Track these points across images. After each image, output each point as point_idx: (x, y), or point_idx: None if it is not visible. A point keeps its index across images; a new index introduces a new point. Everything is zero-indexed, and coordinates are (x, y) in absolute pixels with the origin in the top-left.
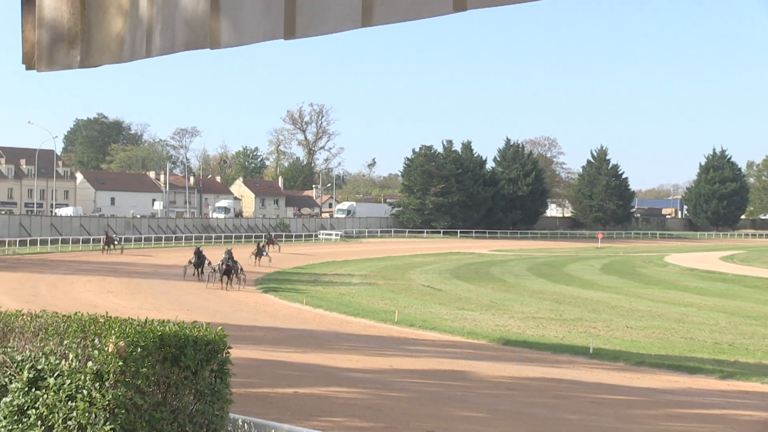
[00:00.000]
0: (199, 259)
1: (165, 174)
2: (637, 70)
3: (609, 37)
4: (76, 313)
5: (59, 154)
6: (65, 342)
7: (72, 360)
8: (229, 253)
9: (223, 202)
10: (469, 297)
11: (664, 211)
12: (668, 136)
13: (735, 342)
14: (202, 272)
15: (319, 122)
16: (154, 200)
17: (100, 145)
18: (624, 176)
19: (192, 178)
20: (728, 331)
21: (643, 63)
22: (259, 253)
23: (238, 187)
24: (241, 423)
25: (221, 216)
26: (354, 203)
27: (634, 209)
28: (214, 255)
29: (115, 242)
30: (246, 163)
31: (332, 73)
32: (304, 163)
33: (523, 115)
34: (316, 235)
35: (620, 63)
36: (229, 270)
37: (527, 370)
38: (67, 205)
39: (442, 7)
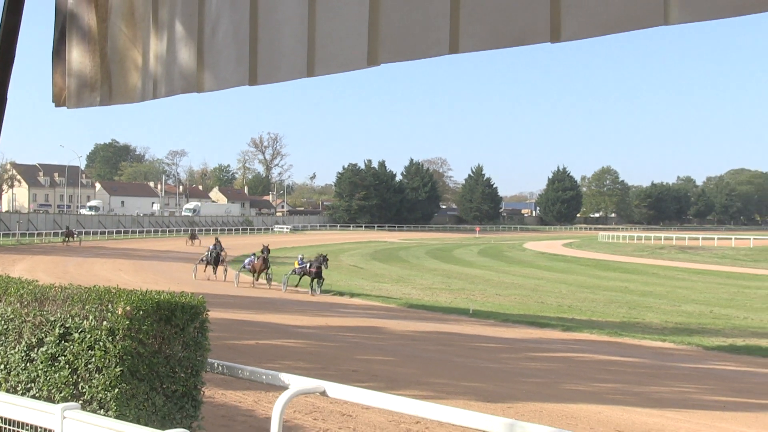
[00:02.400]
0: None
1: (161, 184)
2: (502, 104)
3: (479, 76)
4: (94, 285)
5: (83, 169)
6: (86, 307)
7: (91, 320)
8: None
9: (190, 204)
10: (384, 273)
11: (523, 211)
12: (526, 155)
13: (573, 305)
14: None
15: (275, 146)
16: (153, 203)
17: (114, 163)
18: (494, 185)
19: (181, 187)
20: (568, 297)
21: (505, 100)
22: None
23: (215, 193)
24: (216, 365)
25: (190, 215)
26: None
27: (501, 209)
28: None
29: (74, 235)
30: (221, 175)
31: (285, 108)
32: (264, 176)
33: (423, 139)
34: (271, 229)
35: (488, 99)
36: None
37: (425, 326)
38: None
39: (358, 63)
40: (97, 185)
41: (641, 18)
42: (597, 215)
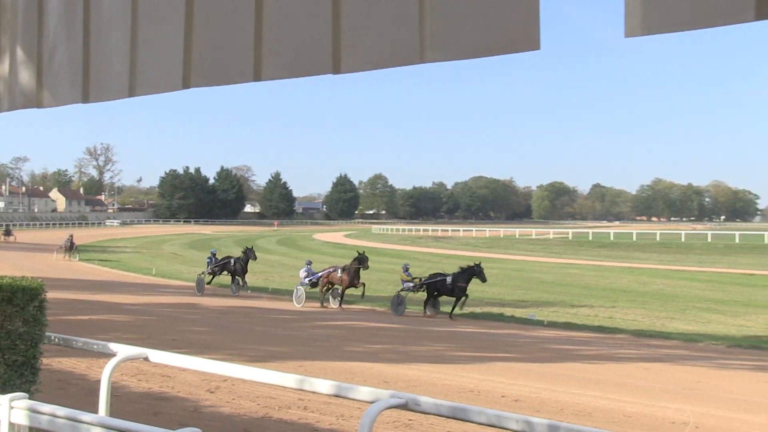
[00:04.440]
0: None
1: (6, 185)
2: (297, 121)
3: (277, 99)
4: None
5: None
6: None
7: None
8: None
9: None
10: (199, 259)
11: (313, 209)
12: (315, 163)
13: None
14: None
15: (107, 154)
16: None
17: None
18: (290, 188)
19: (24, 188)
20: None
21: (299, 119)
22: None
23: (55, 194)
24: (53, 338)
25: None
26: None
27: (296, 207)
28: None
29: None
30: (60, 178)
31: (116, 120)
32: (97, 179)
33: (232, 150)
34: (104, 223)
35: (285, 116)
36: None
37: (232, 302)
38: None
39: (174, 86)
40: None
41: (404, 57)
42: (371, 212)
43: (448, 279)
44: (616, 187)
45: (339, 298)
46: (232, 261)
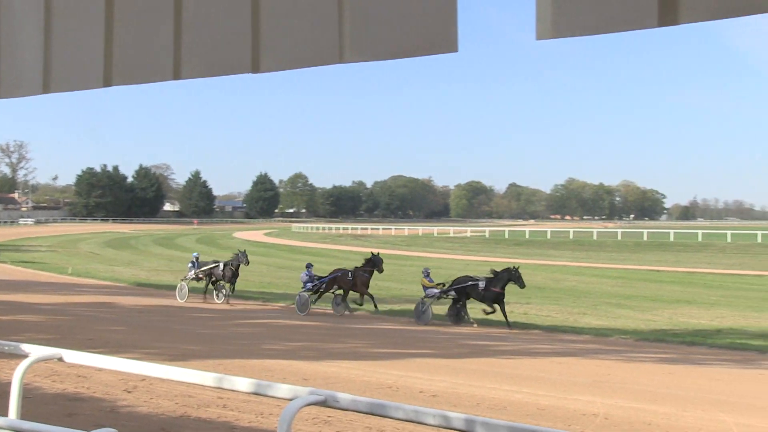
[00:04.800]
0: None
1: None
2: (216, 120)
3: (196, 98)
4: None
5: None
6: None
7: None
8: None
9: None
10: (116, 258)
11: (233, 207)
12: (236, 162)
13: (272, 281)
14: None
15: (20, 151)
16: None
17: None
18: (209, 186)
19: None
20: (268, 275)
21: (218, 119)
22: None
23: None
24: None
25: None
26: None
27: (215, 206)
28: None
29: None
30: None
31: (30, 118)
32: (10, 176)
33: (152, 148)
34: (17, 221)
35: (206, 116)
36: None
37: (151, 301)
38: None
39: (93, 84)
40: None
41: (323, 57)
42: (292, 210)
43: (481, 284)
44: (532, 186)
45: (343, 304)
46: (222, 265)
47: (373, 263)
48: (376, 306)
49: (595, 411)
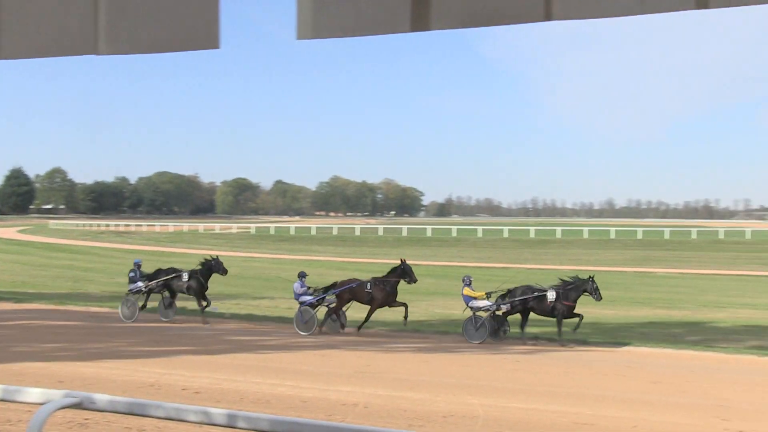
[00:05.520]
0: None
1: None
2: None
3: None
4: None
5: None
6: None
7: None
8: None
9: None
10: None
11: None
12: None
13: (25, 281)
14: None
15: None
16: None
17: None
18: None
19: None
20: (21, 274)
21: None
22: None
23: None
24: None
25: None
26: None
27: None
28: None
29: None
30: None
31: None
32: None
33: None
34: None
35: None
36: None
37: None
38: None
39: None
40: None
41: (74, 47)
42: (49, 207)
43: (550, 294)
44: (297, 183)
45: (340, 320)
46: (185, 276)
47: (404, 273)
48: (406, 317)
49: (355, 401)
